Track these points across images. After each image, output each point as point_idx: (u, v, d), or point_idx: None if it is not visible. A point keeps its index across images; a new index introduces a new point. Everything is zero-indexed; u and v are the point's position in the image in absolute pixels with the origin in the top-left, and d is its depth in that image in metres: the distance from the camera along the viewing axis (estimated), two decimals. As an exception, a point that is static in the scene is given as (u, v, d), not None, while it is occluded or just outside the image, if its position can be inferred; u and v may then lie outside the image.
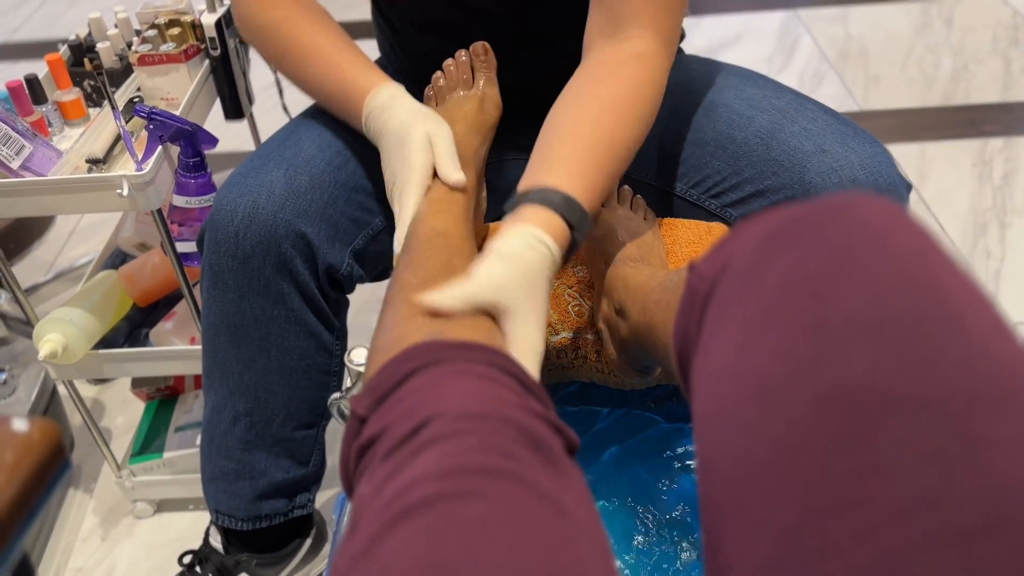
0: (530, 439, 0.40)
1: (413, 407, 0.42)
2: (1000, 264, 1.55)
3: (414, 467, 0.38)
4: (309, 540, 1.08)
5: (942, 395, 0.31)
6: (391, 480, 0.38)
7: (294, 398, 0.91)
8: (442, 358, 0.46)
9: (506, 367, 0.46)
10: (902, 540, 0.29)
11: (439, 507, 0.35)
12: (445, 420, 0.40)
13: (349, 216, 0.84)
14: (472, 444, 0.38)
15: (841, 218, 0.36)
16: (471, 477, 0.36)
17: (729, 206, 0.83)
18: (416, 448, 0.39)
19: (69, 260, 1.71)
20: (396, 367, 0.46)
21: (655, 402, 0.83)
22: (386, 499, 0.37)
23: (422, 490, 0.36)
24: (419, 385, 0.44)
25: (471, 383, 0.44)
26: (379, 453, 0.41)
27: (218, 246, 0.82)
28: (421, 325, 0.51)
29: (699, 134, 0.85)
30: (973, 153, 1.83)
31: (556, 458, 0.41)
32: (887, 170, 0.76)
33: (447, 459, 0.38)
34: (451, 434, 0.39)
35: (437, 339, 0.48)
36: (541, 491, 0.37)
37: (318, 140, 0.86)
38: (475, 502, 0.35)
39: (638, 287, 0.66)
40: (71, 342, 1.01)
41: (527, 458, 0.39)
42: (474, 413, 0.41)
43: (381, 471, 0.40)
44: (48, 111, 1.02)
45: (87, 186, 0.90)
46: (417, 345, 0.47)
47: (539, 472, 0.38)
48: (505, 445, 0.39)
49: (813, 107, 0.83)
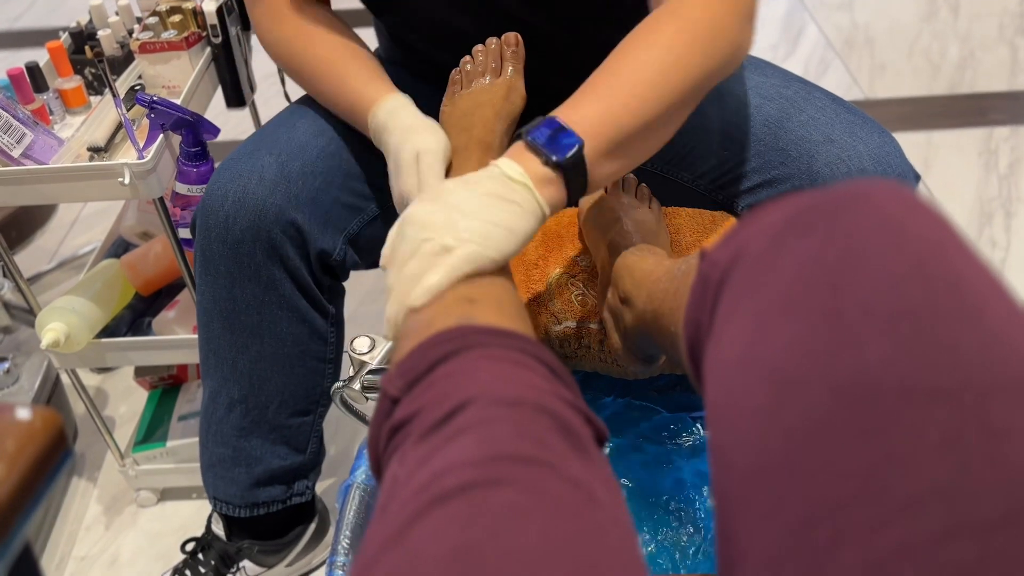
0: (563, 427, 0.40)
1: (447, 391, 0.42)
2: (1005, 253, 1.54)
3: (448, 453, 0.38)
4: (311, 527, 1.08)
5: (958, 386, 0.30)
6: (424, 465, 0.38)
7: (288, 385, 0.90)
8: (475, 343, 0.46)
9: (538, 354, 0.46)
10: (917, 533, 0.28)
11: (472, 494, 0.35)
12: (479, 406, 0.40)
13: (342, 202, 0.84)
14: (506, 432, 0.38)
15: (857, 206, 0.36)
16: (505, 464, 0.36)
17: (735, 196, 0.82)
18: (451, 434, 0.39)
19: (71, 249, 1.70)
20: (428, 351, 0.46)
21: (658, 392, 0.83)
22: (419, 484, 0.37)
23: (456, 477, 0.36)
24: (453, 370, 0.44)
25: (505, 369, 0.44)
26: (412, 435, 0.41)
27: (209, 231, 0.81)
28: (451, 309, 0.51)
29: (705, 123, 0.84)
30: (979, 142, 1.82)
31: (587, 447, 0.41)
32: (895, 160, 0.76)
33: (482, 446, 0.38)
34: (486, 420, 0.39)
35: (468, 324, 0.48)
36: (573, 479, 0.37)
37: (312, 127, 0.85)
38: (507, 489, 0.35)
39: (643, 276, 0.66)
40: (74, 331, 1.01)
41: (560, 446, 0.39)
42: (508, 399, 0.41)
43: (414, 455, 0.40)
44: (49, 99, 1.02)
45: (89, 174, 0.89)
46: (449, 330, 0.47)
47: (571, 460, 0.38)
48: (539, 432, 0.39)
49: (821, 96, 0.82)
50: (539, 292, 0.78)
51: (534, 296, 0.77)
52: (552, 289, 0.78)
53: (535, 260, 0.80)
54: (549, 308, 0.76)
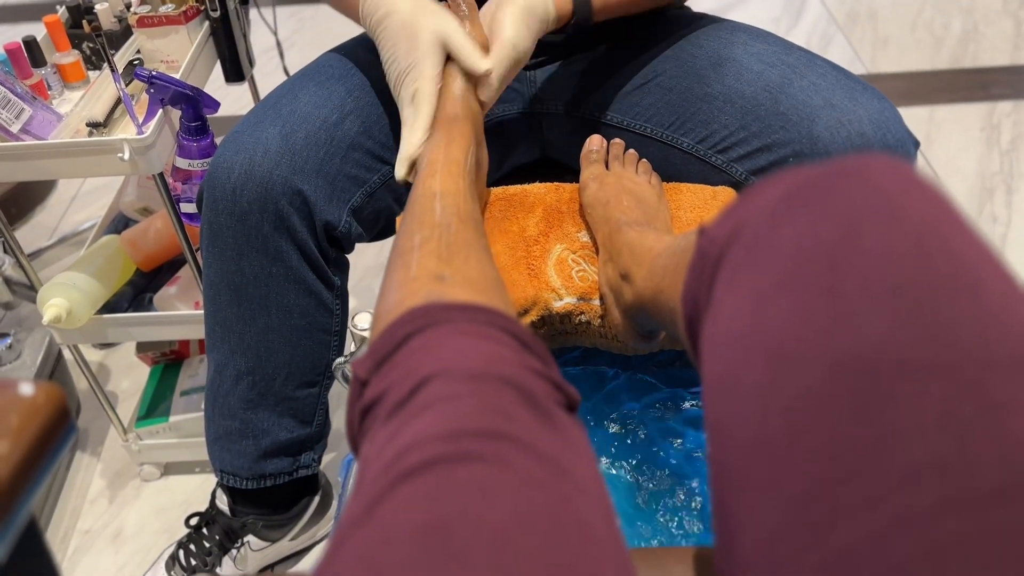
0: (529, 399, 0.40)
1: (411, 369, 0.42)
2: (1006, 228, 1.54)
3: (412, 430, 0.38)
4: (315, 501, 1.09)
5: (957, 361, 0.31)
6: (390, 442, 0.38)
7: (295, 357, 0.91)
8: (441, 319, 0.46)
9: (505, 326, 0.46)
10: (914, 507, 0.29)
11: (438, 470, 0.35)
12: (443, 381, 0.40)
13: (346, 173, 0.84)
14: (471, 406, 0.38)
15: (855, 182, 0.36)
16: (470, 440, 0.36)
17: (735, 161, 0.82)
18: (415, 410, 0.39)
19: (72, 225, 1.70)
20: (396, 330, 0.46)
21: (658, 367, 0.83)
22: (386, 462, 0.37)
23: (421, 453, 0.36)
24: (417, 346, 0.44)
25: (469, 342, 0.44)
26: (380, 415, 0.42)
27: (216, 204, 0.82)
28: (420, 288, 0.51)
29: (707, 88, 0.84)
30: (981, 116, 1.81)
31: (556, 417, 0.41)
32: (895, 126, 0.76)
33: (446, 422, 0.37)
34: (449, 396, 0.39)
35: (436, 301, 0.48)
36: (541, 452, 0.37)
37: (315, 97, 0.85)
38: (474, 465, 0.35)
39: (644, 252, 0.66)
40: (75, 307, 1.01)
41: (526, 418, 0.39)
42: (472, 373, 0.41)
43: (381, 434, 0.40)
44: (47, 74, 1.01)
45: (88, 150, 0.89)
46: (416, 308, 0.47)
47: (539, 432, 0.38)
48: (504, 406, 0.39)
49: (822, 63, 0.82)
50: (540, 268, 0.78)
51: (534, 272, 0.78)
52: (553, 265, 0.78)
53: (536, 236, 0.80)
54: (550, 284, 0.77)
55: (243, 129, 0.83)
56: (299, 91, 0.86)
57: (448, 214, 0.61)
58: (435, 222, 0.59)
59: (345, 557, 0.33)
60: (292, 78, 0.91)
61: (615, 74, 0.91)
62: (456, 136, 0.72)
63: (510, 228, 0.81)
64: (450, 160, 0.69)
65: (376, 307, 0.55)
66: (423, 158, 0.71)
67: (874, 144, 0.74)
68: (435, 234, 0.57)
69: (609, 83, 0.91)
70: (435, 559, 0.32)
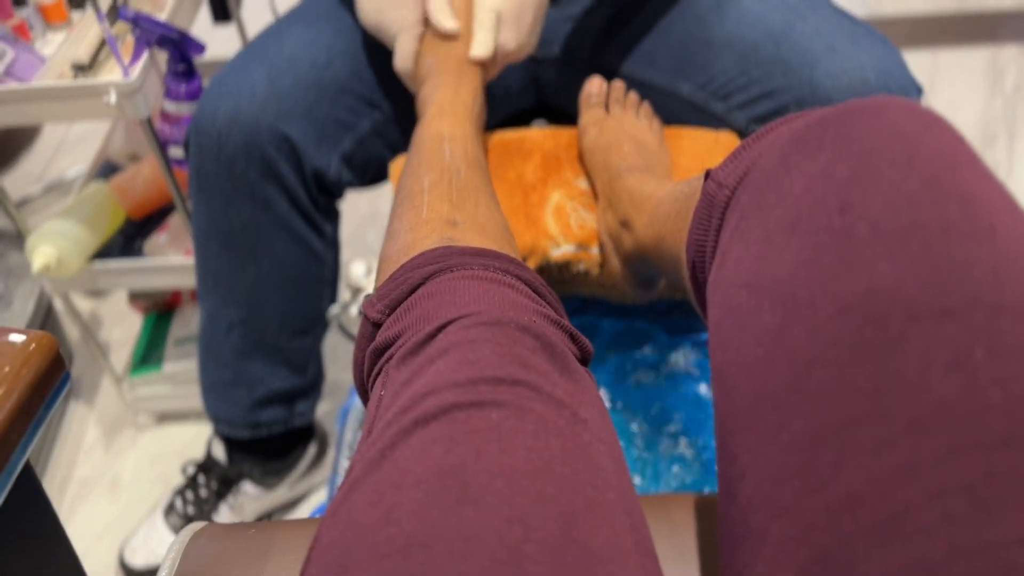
0: (546, 346, 0.40)
1: (428, 312, 0.42)
2: (1008, 175, 1.53)
3: (430, 375, 0.38)
4: (312, 450, 1.09)
5: (968, 305, 0.30)
6: (407, 387, 0.38)
7: (287, 306, 0.90)
8: (456, 264, 0.45)
9: (520, 274, 0.46)
10: (921, 452, 0.28)
11: (455, 415, 0.35)
12: (461, 326, 0.40)
13: (335, 118, 0.82)
14: (489, 352, 0.38)
15: (869, 123, 0.35)
16: (488, 386, 0.36)
17: (736, 108, 0.81)
18: (433, 355, 0.39)
19: (59, 171, 1.68)
20: (409, 273, 0.45)
21: (657, 315, 0.83)
22: (401, 406, 0.36)
23: (439, 399, 0.36)
24: (434, 290, 0.44)
25: (486, 288, 0.43)
26: (395, 358, 0.41)
27: (202, 150, 0.80)
28: (432, 231, 0.50)
29: (708, 32, 0.82)
30: (986, 61, 1.78)
31: (572, 366, 0.40)
32: (898, 72, 0.74)
33: (464, 368, 0.37)
34: (467, 341, 0.39)
35: (449, 245, 0.47)
36: (557, 399, 0.37)
37: (302, 39, 0.83)
38: (492, 411, 0.35)
39: (644, 198, 0.65)
40: (64, 255, 1.00)
41: (544, 366, 0.39)
42: (490, 319, 0.40)
43: (397, 376, 0.40)
44: (29, 14, 0.98)
45: (73, 94, 0.87)
46: (430, 251, 0.47)
47: (556, 380, 0.38)
48: (522, 353, 0.39)
49: (825, 6, 0.80)
50: (537, 215, 0.77)
51: (532, 220, 0.76)
52: (551, 212, 0.77)
53: (533, 183, 0.79)
54: (548, 232, 0.76)
55: (228, 72, 0.81)
56: (286, 33, 0.84)
57: (457, 158, 0.60)
58: (444, 166, 0.58)
59: (358, 499, 0.33)
60: (279, 20, 0.88)
61: (612, 17, 0.89)
62: (465, 80, 0.71)
63: (507, 175, 0.79)
64: (458, 103, 0.68)
65: (384, 248, 0.54)
66: (431, 97, 0.69)
67: (877, 90, 0.73)
68: (444, 178, 0.56)
69: (606, 27, 0.89)
70: (449, 503, 0.31)
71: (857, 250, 0.32)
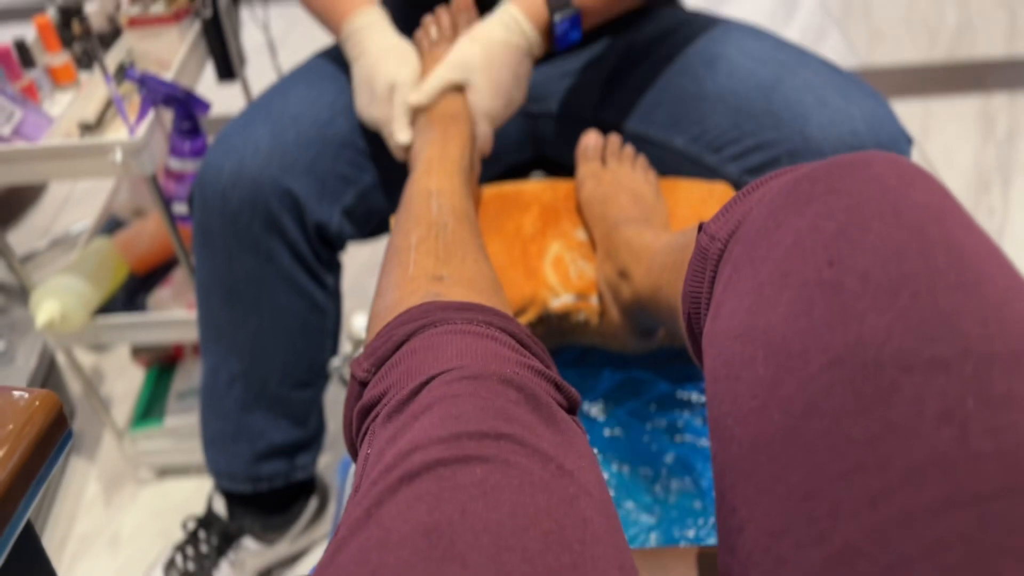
0: (530, 398, 0.40)
1: (411, 369, 0.42)
2: (1003, 221, 1.54)
3: (414, 432, 0.38)
4: (313, 504, 1.09)
5: (958, 356, 0.30)
6: (391, 445, 0.38)
7: (289, 358, 0.91)
8: (440, 319, 0.45)
9: (504, 326, 0.46)
10: (917, 503, 0.28)
11: (439, 472, 0.35)
12: (443, 381, 0.40)
13: (337, 173, 0.83)
14: (472, 406, 0.38)
15: (856, 177, 0.35)
16: (471, 441, 0.36)
17: (729, 160, 0.82)
18: (416, 411, 0.39)
19: (64, 227, 1.69)
20: (394, 330, 0.46)
21: (657, 364, 0.83)
22: (387, 464, 0.36)
23: (423, 456, 0.36)
24: (417, 347, 0.44)
25: (468, 342, 0.43)
26: (380, 416, 0.41)
27: (206, 204, 0.81)
28: (418, 287, 0.51)
29: (700, 87, 0.83)
30: (977, 109, 1.81)
31: (557, 417, 0.40)
32: (888, 124, 0.76)
33: (447, 423, 0.37)
34: (450, 396, 0.39)
35: (434, 301, 0.47)
36: (542, 452, 0.37)
37: (305, 97, 0.85)
38: (476, 466, 0.35)
39: (642, 249, 0.65)
40: (68, 310, 1.01)
41: (527, 418, 0.39)
42: (472, 373, 0.40)
43: (382, 435, 0.40)
44: (38, 76, 1.00)
45: (80, 152, 0.88)
46: (414, 307, 0.47)
47: (540, 433, 0.38)
48: (505, 406, 0.39)
49: (814, 61, 0.81)
50: (536, 266, 0.78)
51: (531, 270, 0.77)
52: (550, 263, 0.78)
53: (532, 234, 0.80)
54: (547, 282, 0.76)
55: (233, 129, 0.83)
56: (289, 91, 0.86)
57: (444, 213, 0.60)
58: (431, 221, 0.59)
59: (344, 560, 0.33)
60: (282, 79, 0.90)
61: (608, 74, 0.91)
62: (453, 134, 0.72)
63: (506, 227, 0.80)
64: (446, 158, 0.69)
65: (372, 306, 0.54)
66: (419, 155, 0.71)
67: (867, 142, 0.74)
68: (432, 233, 0.56)
69: (602, 83, 0.91)
70: (435, 561, 0.31)
71: (847, 302, 0.33)
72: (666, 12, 0.94)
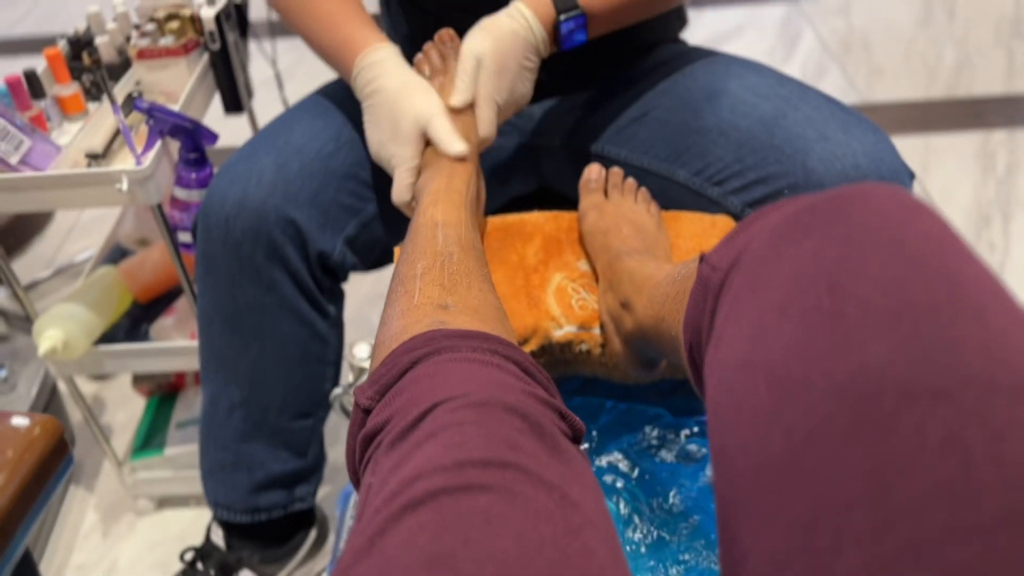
0: (535, 427, 0.40)
1: (416, 396, 0.42)
2: (1004, 256, 1.54)
3: (417, 459, 0.37)
4: (311, 535, 1.08)
5: (959, 386, 0.30)
6: (395, 472, 0.38)
7: (289, 387, 0.90)
8: (444, 347, 0.45)
9: (509, 354, 0.46)
10: (920, 534, 0.28)
11: (443, 500, 0.35)
12: (448, 409, 0.40)
13: (340, 203, 0.84)
14: (476, 434, 0.38)
15: (856, 208, 0.36)
16: (475, 469, 0.36)
17: (731, 193, 0.82)
18: (420, 439, 0.39)
19: (69, 256, 1.70)
20: (398, 358, 0.46)
21: (660, 396, 0.83)
22: (390, 492, 0.36)
23: (426, 484, 0.35)
24: (421, 374, 0.44)
25: (473, 370, 0.43)
26: (383, 444, 0.41)
27: (209, 233, 0.82)
28: (424, 316, 0.51)
29: (701, 121, 0.84)
30: (976, 145, 1.82)
31: (561, 446, 0.40)
32: (890, 158, 0.76)
33: (451, 451, 0.37)
34: (454, 424, 0.39)
35: (439, 329, 0.48)
36: (547, 481, 0.37)
37: (310, 129, 0.86)
38: (479, 495, 0.35)
39: (644, 280, 0.66)
40: (71, 338, 1.01)
41: (532, 447, 0.38)
42: (477, 401, 0.40)
43: (385, 463, 0.40)
44: (47, 106, 1.01)
45: (86, 181, 0.89)
46: (419, 335, 0.47)
47: (544, 461, 0.38)
48: (509, 434, 0.38)
49: (815, 96, 0.82)
50: (539, 297, 0.78)
51: (534, 301, 0.77)
52: (552, 293, 0.78)
53: (535, 265, 0.80)
54: (550, 313, 0.76)
55: (238, 160, 0.84)
56: (295, 123, 0.87)
57: (450, 243, 0.61)
58: (437, 251, 0.59)
59: None
60: (289, 110, 0.91)
61: (611, 108, 0.92)
62: (458, 167, 0.73)
63: (509, 257, 0.81)
64: (452, 190, 0.69)
65: (377, 335, 0.54)
66: (425, 188, 0.71)
67: (869, 176, 0.75)
68: (437, 263, 0.57)
69: (605, 117, 0.92)
70: None
71: (848, 330, 0.33)
72: (669, 47, 0.95)
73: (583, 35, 0.78)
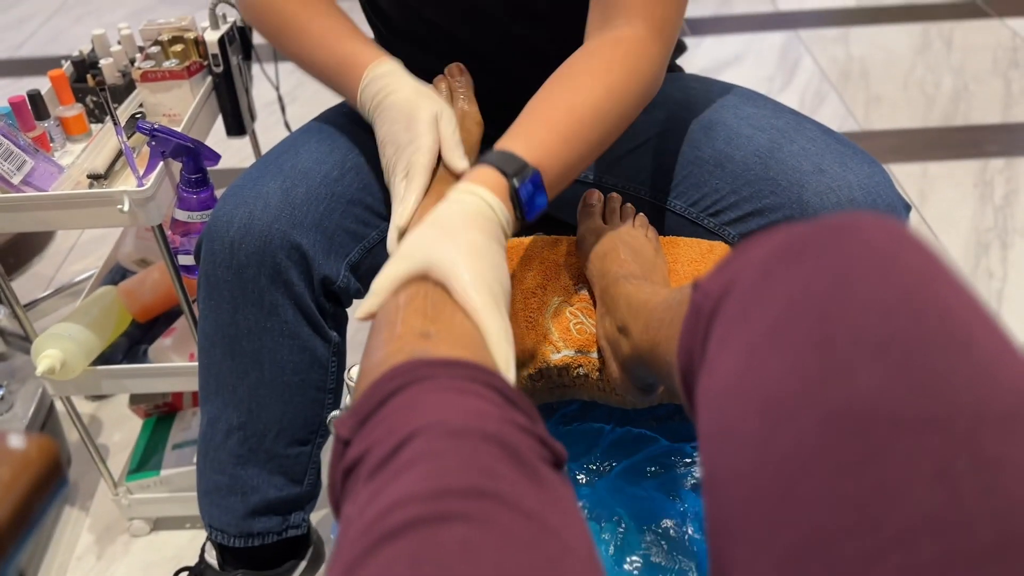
0: (513, 455, 0.39)
1: (393, 426, 0.42)
2: (1002, 284, 1.54)
3: (394, 489, 0.37)
4: (305, 560, 1.07)
5: (949, 415, 0.31)
6: (372, 503, 0.37)
7: (287, 413, 0.90)
8: (423, 376, 0.45)
9: (489, 381, 0.45)
10: (911, 565, 0.28)
11: (421, 530, 0.34)
12: (425, 438, 0.40)
13: (345, 228, 0.84)
14: (453, 463, 0.38)
15: (846, 237, 0.36)
16: (453, 499, 0.36)
17: (727, 224, 0.83)
18: (397, 469, 0.39)
19: (69, 275, 1.70)
20: (378, 388, 0.45)
21: (657, 421, 0.83)
22: (367, 522, 0.36)
23: (403, 513, 0.35)
24: (400, 404, 0.43)
25: (451, 398, 0.43)
26: (362, 475, 0.41)
27: (213, 256, 0.82)
28: (405, 345, 0.51)
29: (697, 152, 0.85)
30: (974, 173, 1.83)
31: (541, 473, 0.40)
32: (885, 191, 0.76)
33: (428, 480, 0.37)
34: (431, 453, 0.39)
35: (419, 358, 0.47)
36: (526, 510, 0.36)
37: (316, 153, 0.86)
38: (457, 524, 0.35)
39: (641, 305, 0.66)
40: (69, 358, 1.01)
41: (510, 475, 0.38)
42: (455, 429, 0.40)
43: (363, 493, 0.39)
44: (50, 127, 1.02)
45: (88, 201, 0.90)
46: (399, 365, 0.47)
47: (523, 489, 0.38)
48: (487, 463, 0.38)
49: (811, 127, 0.83)
50: (537, 320, 0.78)
51: (532, 324, 0.78)
52: (550, 318, 0.78)
53: (533, 289, 0.81)
54: (547, 337, 0.77)
55: (243, 183, 0.84)
56: (300, 147, 0.88)
57: None
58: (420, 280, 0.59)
59: None
60: (294, 134, 0.92)
61: None
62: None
63: (507, 281, 0.81)
64: None
65: (360, 366, 0.54)
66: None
67: (863, 208, 0.75)
68: (420, 292, 0.57)
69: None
70: None
71: (838, 360, 0.33)
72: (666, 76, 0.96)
73: (543, 197, 0.66)
